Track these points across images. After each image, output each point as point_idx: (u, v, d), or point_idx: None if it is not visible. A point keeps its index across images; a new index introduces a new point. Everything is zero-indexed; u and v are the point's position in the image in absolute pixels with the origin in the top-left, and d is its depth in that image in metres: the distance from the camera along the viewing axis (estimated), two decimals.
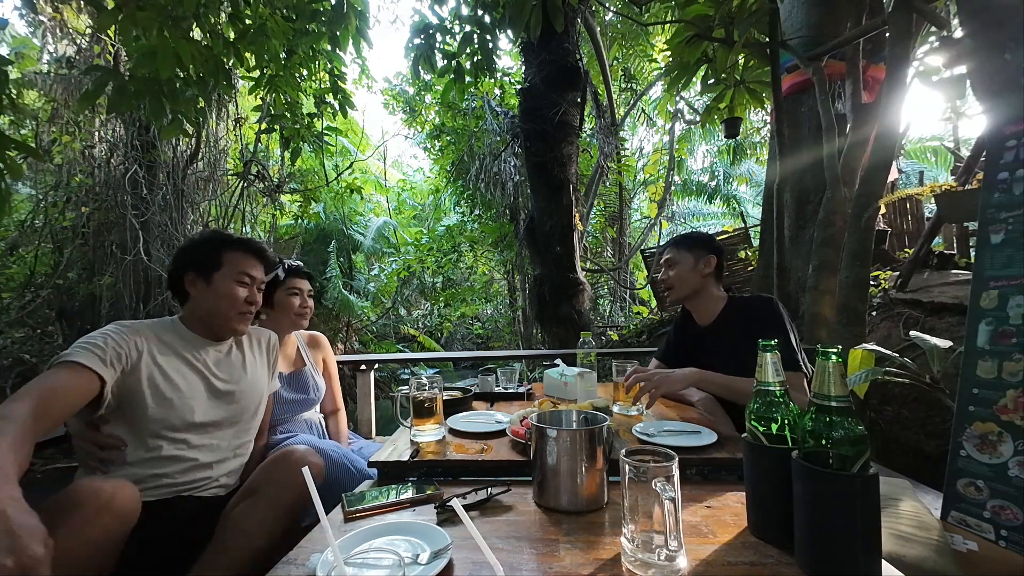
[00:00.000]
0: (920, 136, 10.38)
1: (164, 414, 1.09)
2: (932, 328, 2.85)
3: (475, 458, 1.07)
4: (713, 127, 4.61)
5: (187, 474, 1.11)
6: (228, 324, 1.21)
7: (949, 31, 2.19)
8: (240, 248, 1.21)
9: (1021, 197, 1.12)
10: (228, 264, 1.18)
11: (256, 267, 1.23)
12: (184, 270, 1.17)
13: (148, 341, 1.10)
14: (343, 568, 0.61)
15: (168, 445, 1.09)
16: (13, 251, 5.20)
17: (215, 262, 1.18)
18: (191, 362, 1.16)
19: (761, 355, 0.76)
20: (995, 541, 1.09)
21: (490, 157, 7.60)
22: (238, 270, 1.19)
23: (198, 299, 1.18)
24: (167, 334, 1.16)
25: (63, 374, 0.95)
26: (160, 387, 1.09)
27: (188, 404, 1.12)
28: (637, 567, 0.64)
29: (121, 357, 1.04)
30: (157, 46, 1.98)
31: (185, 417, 1.12)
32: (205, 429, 1.15)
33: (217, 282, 1.17)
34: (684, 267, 1.55)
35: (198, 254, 1.18)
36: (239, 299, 1.19)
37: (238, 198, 5.78)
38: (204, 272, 1.17)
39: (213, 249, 1.19)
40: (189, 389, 1.14)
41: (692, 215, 12.88)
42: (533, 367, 6.17)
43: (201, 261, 1.18)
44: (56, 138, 4.89)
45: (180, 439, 1.11)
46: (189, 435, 1.12)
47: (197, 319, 1.20)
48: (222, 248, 1.19)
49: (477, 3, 2.60)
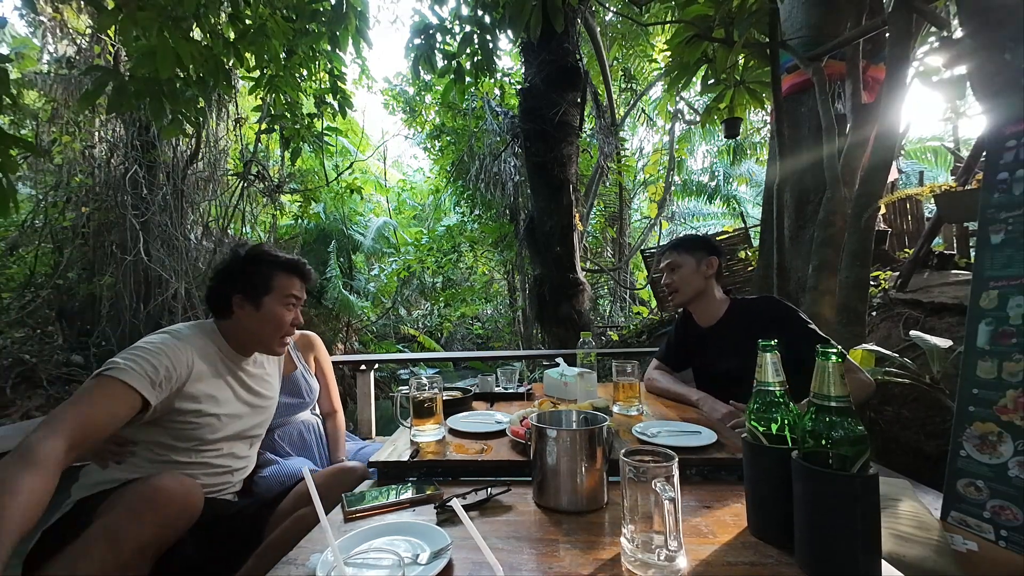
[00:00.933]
0: (920, 136, 10.38)
1: (203, 429, 1.10)
2: (932, 328, 2.85)
3: (475, 458, 1.07)
4: (713, 127, 4.61)
5: (213, 478, 1.14)
6: (270, 347, 1.22)
7: (949, 31, 2.19)
8: (289, 270, 1.22)
9: (1021, 197, 1.12)
10: (278, 288, 1.18)
11: (301, 288, 1.24)
12: (232, 291, 1.16)
13: (195, 357, 1.09)
14: (343, 568, 0.61)
15: (201, 454, 1.11)
16: (13, 251, 5.20)
17: (266, 286, 1.17)
18: (229, 378, 1.17)
19: (761, 355, 0.76)
20: (995, 541, 1.09)
21: (490, 157, 7.60)
22: (286, 293, 1.19)
23: (244, 320, 1.17)
24: (210, 347, 1.15)
25: (109, 396, 0.93)
26: (202, 404, 1.10)
27: (225, 419, 1.14)
28: (637, 567, 0.64)
29: (171, 379, 1.03)
30: (157, 46, 1.98)
31: (222, 431, 1.14)
32: (234, 441, 1.18)
33: (266, 306, 1.17)
34: (687, 270, 1.55)
35: (249, 277, 1.17)
36: (285, 323, 1.20)
37: (238, 198, 5.78)
38: (254, 296, 1.16)
39: (265, 273, 1.18)
40: (227, 404, 1.15)
41: (692, 215, 12.88)
42: (533, 367, 6.17)
43: (252, 284, 1.17)
44: (56, 138, 4.89)
45: (213, 449, 1.13)
46: (222, 445, 1.15)
47: (237, 336, 1.19)
48: (273, 271, 1.19)
49: (477, 3, 2.60)
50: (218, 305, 1.18)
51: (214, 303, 1.19)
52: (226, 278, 1.18)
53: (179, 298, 5.08)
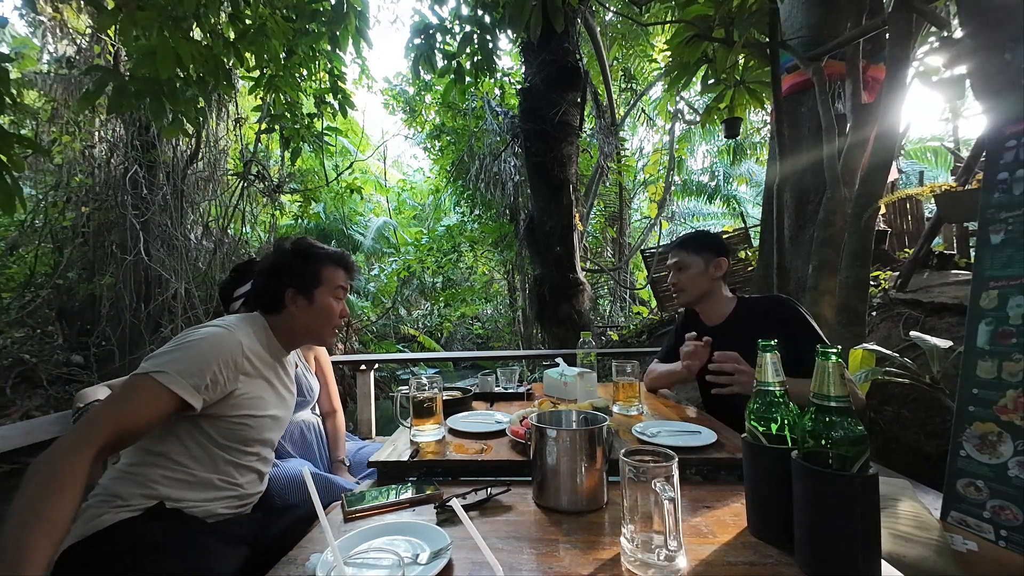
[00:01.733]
0: (920, 136, 10.39)
1: (249, 431, 1.06)
2: (932, 328, 2.85)
3: (475, 458, 1.07)
4: (713, 127, 4.61)
5: (251, 486, 1.11)
6: (323, 338, 1.22)
7: (949, 31, 2.19)
8: (336, 262, 1.21)
9: (1021, 197, 1.12)
10: (327, 280, 1.18)
11: (346, 279, 1.23)
12: (285, 286, 1.14)
13: (245, 355, 1.04)
14: (343, 568, 0.61)
15: (239, 455, 1.07)
16: (13, 251, 5.20)
17: (316, 279, 1.16)
18: (272, 376, 1.15)
19: (761, 355, 0.76)
20: (995, 541, 1.09)
21: (490, 157, 7.60)
22: (335, 285, 1.19)
23: (297, 315, 1.15)
24: (258, 343, 1.11)
25: (150, 401, 0.89)
26: (251, 408, 1.06)
27: (268, 420, 1.11)
28: (637, 567, 0.64)
29: (218, 385, 0.98)
30: (157, 46, 1.98)
31: (264, 432, 1.11)
32: (267, 445, 1.15)
33: (318, 298, 1.16)
34: (694, 271, 1.54)
35: (300, 271, 1.16)
36: (336, 314, 1.19)
37: (238, 198, 5.78)
38: (306, 289, 1.15)
39: (315, 266, 1.18)
40: (271, 405, 1.12)
41: (692, 215, 12.88)
42: (533, 367, 6.17)
43: (304, 278, 1.16)
44: (56, 138, 4.89)
45: (251, 453, 1.09)
46: (259, 448, 1.11)
47: (288, 331, 1.17)
48: (322, 264, 1.18)
49: (477, 3, 2.61)
50: (270, 301, 1.16)
51: (266, 299, 1.17)
52: (277, 273, 1.16)
53: (179, 298, 5.08)
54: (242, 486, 1.08)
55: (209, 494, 1.02)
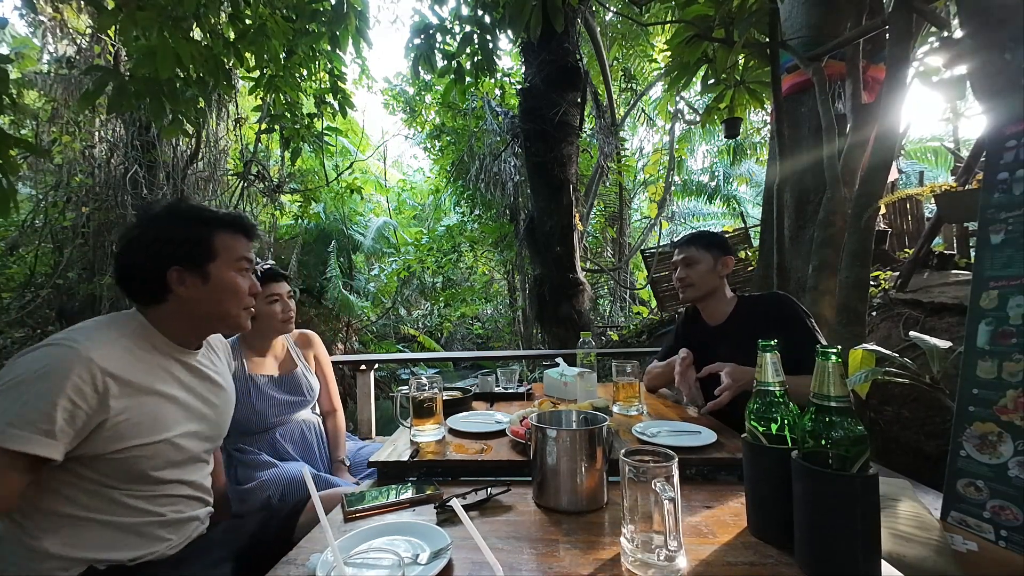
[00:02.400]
0: (920, 136, 10.38)
1: (147, 461, 0.85)
2: (932, 328, 2.85)
3: (475, 458, 1.07)
4: (713, 127, 4.61)
5: (194, 507, 0.95)
6: (236, 322, 0.98)
7: (949, 31, 2.19)
8: (232, 228, 0.97)
9: (1021, 197, 1.12)
10: (223, 250, 0.94)
11: (250, 249, 1.00)
12: (166, 265, 0.89)
13: (110, 375, 0.80)
14: (343, 568, 0.61)
15: (145, 499, 0.87)
16: (13, 251, 5.20)
17: (208, 251, 0.92)
18: (174, 385, 0.92)
19: (761, 355, 0.76)
20: (995, 541, 1.09)
21: (490, 157, 7.60)
22: (236, 256, 0.96)
23: (190, 300, 0.91)
24: (137, 345, 0.87)
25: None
26: (130, 437, 0.82)
27: (162, 447, 0.87)
28: (637, 567, 0.64)
29: (77, 420, 0.75)
30: (157, 46, 1.98)
31: (174, 457, 0.89)
32: (190, 466, 0.95)
33: (215, 275, 0.93)
34: (704, 267, 1.55)
35: (184, 242, 0.91)
36: (244, 291, 0.97)
37: (238, 198, 5.78)
38: (196, 265, 0.91)
39: (203, 234, 0.93)
40: (177, 422, 0.90)
41: (692, 215, 12.88)
42: (533, 367, 6.17)
43: (190, 251, 0.91)
44: (56, 138, 4.89)
45: (162, 485, 0.89)
46: (174, 474, 0.91)
47: (181, 323, 0.94)
48: (212, 232, 0.94)
49: (477, 3, 2.60)
50: (148, 288, 0.91)
51: (141, 287, 0.91)
52: (151, 250, 0.90)
53: None
54: (180, 513, 0.91)
55: (141, 540, 0.86)
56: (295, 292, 7.32)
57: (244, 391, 1.44)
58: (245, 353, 1.51)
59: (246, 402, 1.43)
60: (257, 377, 1.48)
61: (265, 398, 1.47)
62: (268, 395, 1.48)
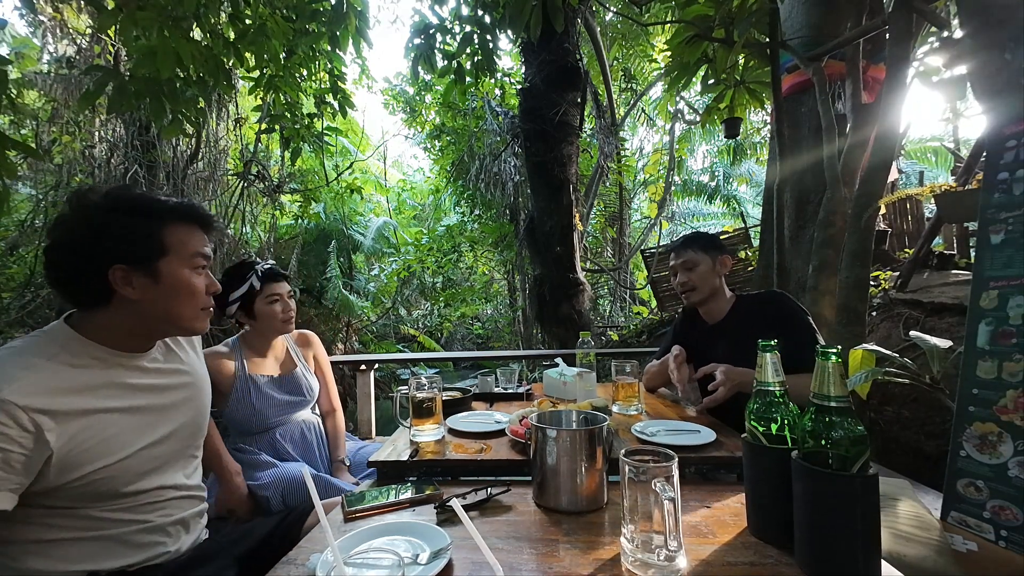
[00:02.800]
0: (920, 136, 10.39)
1: (112, 481, 0.78)
2: (932, 328, 2.85)
3: (475, 458, 1.07)
4: (713, 127, 4.61)
5: (153, 535, 0.85)
6: (190, 325, 0.87)
7: (949, 31, 2.19)
8: (184, 219, 0.85)
9: (1021, 197, 1.12)
10: (175, 245, 0.83)
11: (207, 243, 0.89)
12: (107, 264, 0.77)
13: (39, 401, 0.70)
14: (343, 568, 0.61)
15: (125, 507, 0.81)
16: (13, 251, 5.20)
17: (157, 245, 0.81)
18: (117, 394, 0.81)
19: (760, 355, 0.76)
20: (995, 541, 1.09)
21: (490, 157, 7.60)
22: (190, 251, 0.84)
23: (139, 302, 0.80)
24: (69, 363, 0.76)
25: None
26: (86, 456, 0.75)
27: (130, 463, 0.80)
28: (637, 567, 0.64)
29: (13, 462, 0.68)
30: (157, 46, 1.98)
31: (138, 469, 0.82)
32: (165, 472, 0.88)
33: (167, 273, 0.82)
34: (704, 268, 1.56)
35: (128, 236, 0.79)
36: (200, 290, 0.86)
37: (238, 198, 5.78)
38: (142, 262, 0.79)
39: (151, 228, 0.81)
40: (129, 440, 0.81)
41: (692, 215, 12.89)
42: (533, 367, 6.17)
43: (134, 247, 0.79)
44: (56, 138, 4.89)
45: (137, 495, 0.82)
46: (151, 481, 0.84)
47: (126, 329, 0.83)
48: (162, 224, 0.82)
49: (477, 3, 2.60)
50: (85, 290, 0.79)
51: (76, 290, 0.79)
52: (87, 245, 0.77)
53: None
54: (169, 516, 0.87)
55: (133, 549, 0.81)
56: (295, 292, 7.32)
57: (244, 391, 1.44)
58: (245, 353, 1.51)
59: (246, 402, 1.43)
60: (257, 377, 1.48)
61: (265, 398, 1.47)
62: (268, 395, 1.47)
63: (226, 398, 1.42)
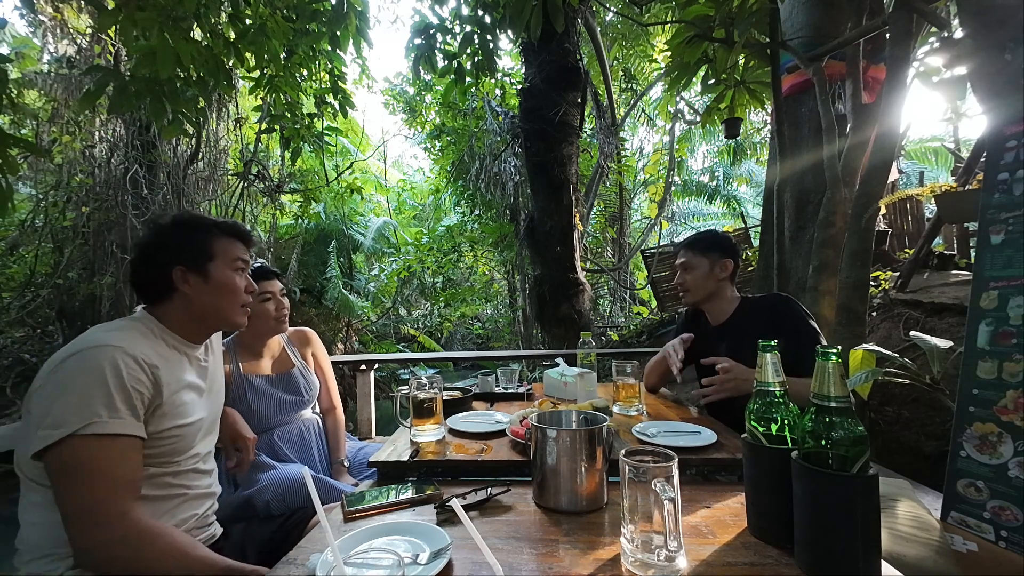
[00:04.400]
0: (920, 137, 10.39)
1: (180, 441, 0.95)
2: (932, 329, 2.85)
3: (475, 458, 1.07)
4: (713, 127, 4.61)
5: (201, 505, 1.02)
6: (232, 319, 1.07)
7: (949, 31, 2.19)
8: (228, 233, 1.07)
9: (1021, 198, 1.12)
10: (221, 252, 1.04)
11: (246, 251, 1.10)
12: (171, 265, 0.99)
13: (152, 359, 0.91)
14: (343, 568, 0.61)
15: (176, 475, 0.96)
16: (13, 251, 5.21)
17: (207, 252, 1.03)
18: (190, 374, 1.02)
19: (761, 355, 0.76)
20: (995, 542, 1.09)
21: (490, 157, 7.60)
22: (233, 257, 1.06)
23: (193, 296, 1.01)
24: (158, 343, 0.97)
25: (113, 458, 0.81)
26: (177, 417, 0.94)
27: (196, 425, 0.99)
28: (637, 567, 0.64)
29: (143, 401, 0.87)
30: (157, 46, 1.98)
31: (194, 439, 1.00)
32: (205, 448, 1.05)
33: (215, 274, 1.02)
34: (700, 272, 1.55)
35: (186, 244, 1.02)
36: (240, 290, 1.06)
37: (238, 198, 5.78)
38: (197, 264, 1.01)
39: (203, 238, 1.03)
40: (196, 407, 1.00)
41: (692, 215, 12.89)
42: (533, 367, 6.17)
43: (191, 252, 1.01)
44: (56, 138, 4.89)
45: (187, 460, 0.98)
46: (195, 452, 1.01)
47: (186, 319, 1.03)
48: (211, 236, 1.04)
49: (477, 3, 2.60)
50: (155, 286, 1.01)
51: (149, 285, 1.02)
52: (158, 252, 1.01)
53: None
54: (188, 511, 0.99)
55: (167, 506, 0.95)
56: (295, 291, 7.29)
57: (240, 392, 1.43)
58: (240, 354, 1.49)
59: (242, 403, 1.42)
60: (252, 378, 1.46)
61: (262, 399, 1.45)
62: (265, 396, 1.46)
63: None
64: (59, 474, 0.79)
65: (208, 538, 1.04)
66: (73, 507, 0.78)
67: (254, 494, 1.26)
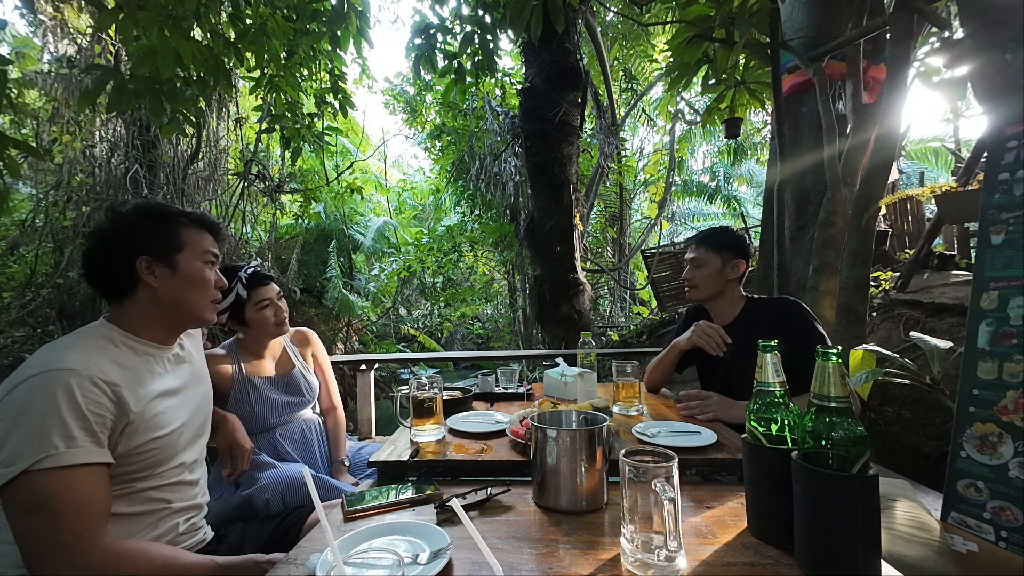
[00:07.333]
0: (921, 137, 10.38)
1: (153, 455, 0.89)
2: (932, 329, 2.85)
3: (475, 458, 1.07)
4: (714, 127, 4.61)
5: (183, 516, 0.97)
6: (200, 314, 1.00)
7: (950, 32, 2.19)
8: (199, 224, 1.01)
9: (1022, 198, 1.12)
10: (190, 243, 0.98)
11: (215, 244, 1.04)
12: (135, 255, 0.91)
13: (113, 377, 0.83)
14: (342, 568, 0.61)
15: (162, 489, 0.92)
16: (14, 250, 5.20)
17: (176, 242, 0.96)
18: (163, 379, 0.95)
19: (761, 356, 0.76)
20: (995, 542, 1.09)
21: (490, 157, 7.60)
22: (203, 248, 0.99)
23: (160, 289, 0.93)
24: (118, 353, 0.89)
25: (70, 483, 0.74)
26: (153, 430, 0.88)
27: (177, 432, 0.94)
28: (637, 567, 0.64)
29: (106, 425, 0.81)
30: (157, 46, 1.98)
31: (177, 447, 0.94)
32: (192, 456, 1.00)
33: (183, 265, 0.95)
34: (710, 269, 1.53)
35: (152, 233, 0.94)
36: (211, 283, 1.00)
37: (238, 198, 5.78)
38: (164, 254, 0.94)
39: (171, 227, 0.96)
40: (174, 413, 0.95)
41: (692, 215, 12.89)
42: (533, 367, 6.17)
43: (158, 241, 0.94)
44: (56, 137, 4.89)
45: (168, 470, 0.93)
46: (184, 465, 0.97)
47: (152, 317, 0.95)
48: (179, 226, 0.97)
49: (478, 3, 2.60)
50: (116, 280, 0.93)
51: (109, 279, 0.93)
52: (119, 241, 0.92)
53: None
54: (171, 522, 0.95)
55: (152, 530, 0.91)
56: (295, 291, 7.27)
57: (243, 393, 1.44)
58: (242, 356, 1.50)
59: (245, 404, 1.43)
60: (255, 379, 1.47)
61: (264, 400, 1.46)
62: (267, 396, 1.47)
63: (225, 400, 1.42)
64: (20, 513, 0.73)
65: (197, 543, 1.00)
66: (37, 544, 0.73)
67: (254, 493, 1.26)
